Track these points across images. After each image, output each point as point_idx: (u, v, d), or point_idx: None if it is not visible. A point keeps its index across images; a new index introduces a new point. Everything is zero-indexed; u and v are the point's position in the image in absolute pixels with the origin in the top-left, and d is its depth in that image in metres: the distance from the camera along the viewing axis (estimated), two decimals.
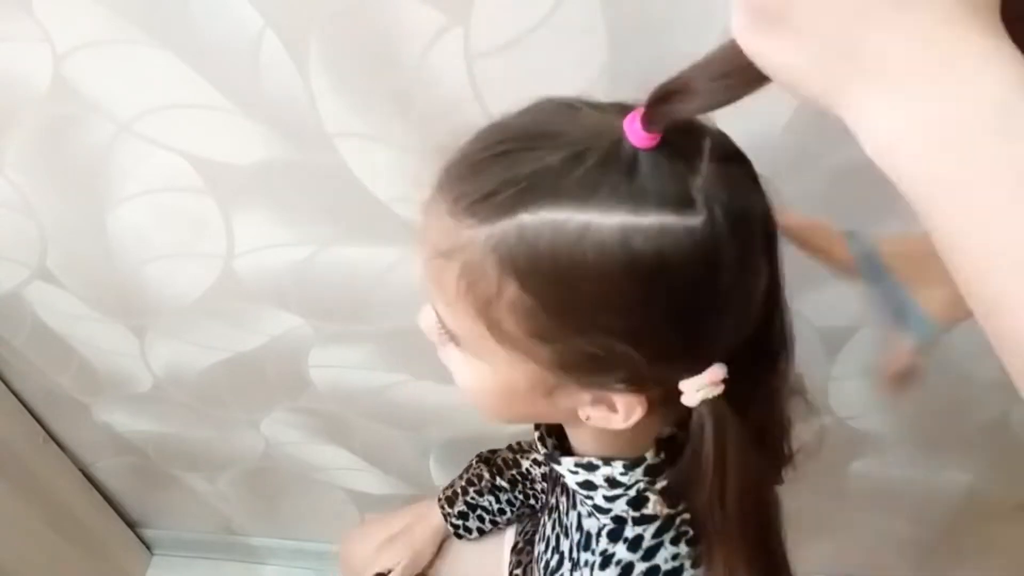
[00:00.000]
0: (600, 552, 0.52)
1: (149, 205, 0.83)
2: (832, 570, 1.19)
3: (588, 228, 0.36)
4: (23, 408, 1.19)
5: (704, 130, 0.38)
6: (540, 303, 0.38)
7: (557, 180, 0.37)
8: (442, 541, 0.88)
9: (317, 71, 0.68)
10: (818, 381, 0.91)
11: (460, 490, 0.85)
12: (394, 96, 0.69)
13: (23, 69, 0.72)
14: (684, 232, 0.36)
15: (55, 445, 1.26)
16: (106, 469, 1.33)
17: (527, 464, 0.84)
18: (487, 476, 0.84)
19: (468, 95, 0.67)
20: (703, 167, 0.37)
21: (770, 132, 0.67)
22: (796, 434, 0.51)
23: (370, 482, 1.23)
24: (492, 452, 0.87)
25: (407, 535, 0.87)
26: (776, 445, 0.49)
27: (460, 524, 0.85)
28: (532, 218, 0.37)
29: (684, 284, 0.38)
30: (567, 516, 0.59)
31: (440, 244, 0.40)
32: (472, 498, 0.84)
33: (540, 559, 0.62)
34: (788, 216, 0.45)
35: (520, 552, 0.82)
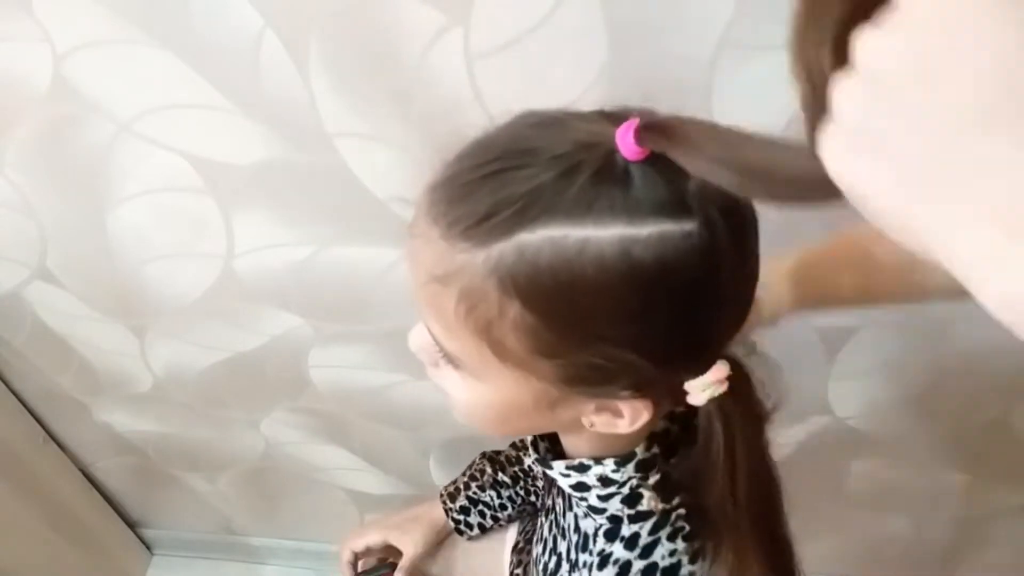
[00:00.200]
0: (598, 552, 0.52)
1: (149, 205, 0.83)
2: (832, 570, 1.19)
3: (587, 242, 0.36)
4: (23, 408, 1.19)
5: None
6: (543, 320, 0.38)
7: (553, 197, 0.37)
8: (443, 539, 0.88)
9: (317, 71, 0.68)
10: (818, 381, 0.91)
11: (462, 485, 0.85)
12: (394, 96, 0.69)
13: (23, 69, 0.72)
14: (682, 237, 0.36)
15: (55, 445, 1.26)
16: (106, 469, 1.33)
17: (529, 461, 0.84)
18: (489, 471, 0.84)
19: (468, 95, 0.67)
20: None
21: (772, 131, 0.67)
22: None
23: (370, 482, 1.23)
24: (496, 452, 0.88)
25: (405, 525, 0.87)
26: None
27: (461, 519, 0.85)
28: (531, 237, 0.37)
29: (685, 288, 0.38)
30: (563, 518, 0.59)
31: (435, 269, 0.40)
32: (474, 493, 0.84)
33: (538, 561, 0.62)
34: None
35: (521, 552, 0.82)
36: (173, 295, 0.94)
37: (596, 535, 0.53)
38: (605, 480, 0.51)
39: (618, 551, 0.51)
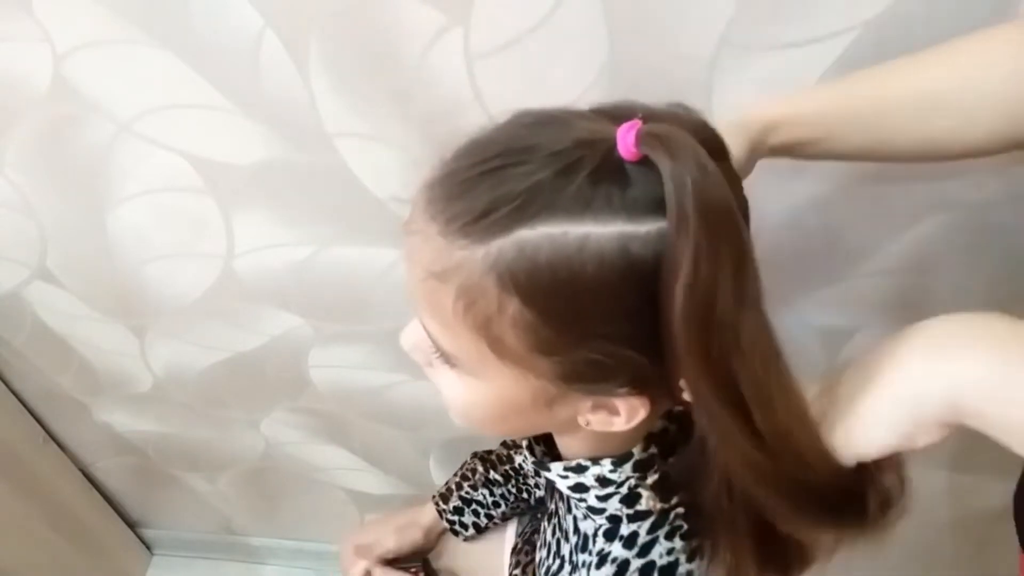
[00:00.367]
0: (597, 552, 0.52)
1: (149, 205, 0.83)
2: (832, 570, 1.19)
3: (587, 239, 0.37)
4: (23, 408, 1.19)
5: (691, 131, 0.38)
6: (542, 317, 0.39)
7: (552, 194, 0.37)
8: (436, 543, 0.88)
9: (317, 71, 0.68)
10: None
11: (454, 486, 0.85)
12: (394, 96, 0.69)
13: (23, 69, 0.72)
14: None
15: (55, 445, 1.26)
16: (106, 469, 1.33)
17: (520, 459, 0.84)
18: (480, 470, 0.84)
19: (468, 95, 0.67)
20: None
21: None
22: None
23: (370, 482, 1.23)
24: (488, 452, 0.88)
25: (402, 532, 0.87)
26: None
27: (456, 520, 0.85)
28: (531, 233, 0.37)
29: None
30: (564, 521, 0.59)
31: (432, 266, 0.40)
32: (466, 492, 0.84)
33: (542, 565, 0.62)
34: None
35: (520, 553, 0.81)
36: (173, 295, 0.94)
37: (596, 535, 0.53)
38: (603, 480, 0.51)
39: (616, 550, 0.51)
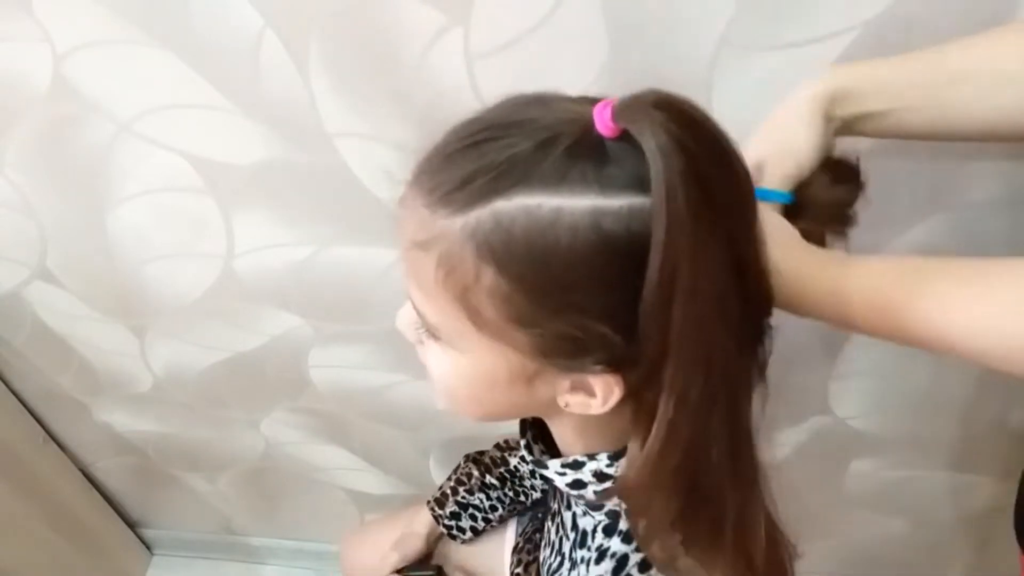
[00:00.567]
0: (596, 548, 0.52)
1: (149, 205, 0.83)
2: (832, 570, 1.19)
3: (560, 212, 0.37)
4: (23, 408, 1.19)
5: (667, 110, 0.38)
6: (517, 287, 0.39)
7: (529, 166, 0.38)
8: (435, 541, 0.88)
9: (317, 71, 0.68)
10: (818, 381, 0.91)
11: (449, 491, 0.85)
12: (394, 96, 0.69)
13: (23, 69, 0.72)
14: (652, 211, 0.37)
15: (55, 445, 1.26)
16: (106, 469, 1.33)
17: (515, 461, 0.84)
18: (476, 474, 0.84)
19: (468, 95, 0.67)
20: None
21: None
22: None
23: (370, 482, 1.23)
24: (480, 453, 0.87)
25: (401, 544, 0.87)
26: None
27: (453, 524, 0.84)
28: (507, 204, 0.38)
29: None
30: (564, 517, 0.60)
31: (416, 235, 0.41)
32: (463, 497, 0.84)
33: (544, 563, 0.62)
34: None
35: (521, 552, 0.81)
36: (173, 295, 0.94)
37: (595, 531, 0.53)
38: (600, 476, 0.51)
39: (615, 545, 0.51)
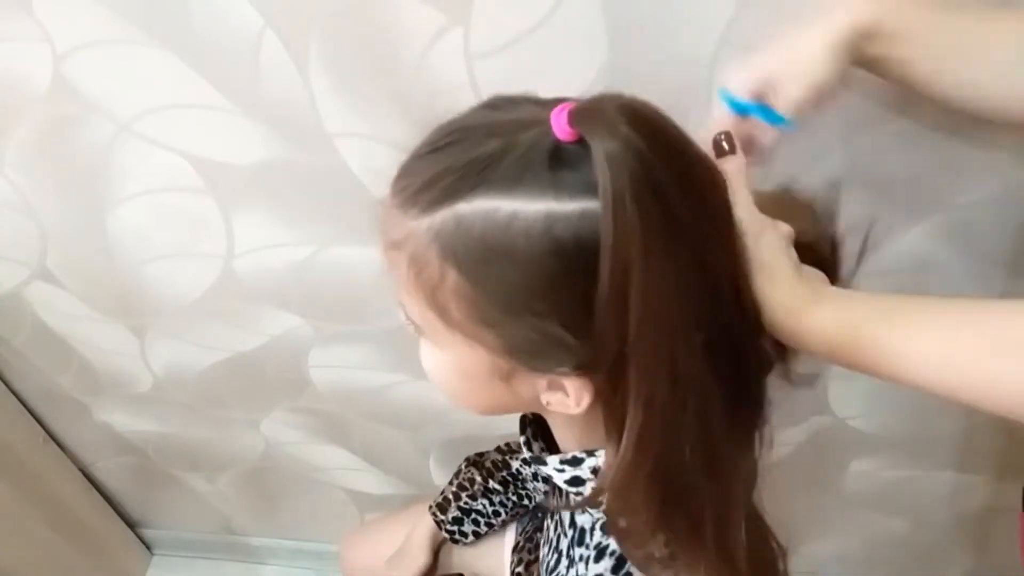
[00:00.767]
0: (595, 546, 0.52)
1: (149, 205, 0.83)
2: (832, 570, 1.19)
3: (516, 216, 0.38)
4: (23, 408, 1.19)
5: (623, 117, 0.37)
6: (477, 289, 0.40)
7: (486, 170, 0.39)
8: (438, 547, 0.88)
9: (317, 71, 0.68)
10: (818, 381, 0.91)
11: (452, 496, 0.84)
12: (394, 96, 0.69)
13: (23, 69, 0.72)
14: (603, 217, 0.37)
15: (55, 445, 1.26)
16: (106, 469, 1.33)
17: (516, 464, 0.84)
18: (479, 480, 0.83)
19: (468, 95, 0.67)
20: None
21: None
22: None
23: (370, 482, 1.23)
24: (480, 455, 0.87)
25: (403, 555, 0.86)
26: None
27: (455, 530, 0.84)
28: (467, 206, 0.39)
29: None
30: (563, 515, 0.60)
31: (392, 235, 0.43)
32: (465, 503, 0.83)
33: (543, 561, 0.62)
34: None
35: (521, 551, 0.81)
36: (173, 295, 0.94)
37: (592, 529, 0.53)
38: (599, 472, 0.51)
39: (614, 543, 0.51)
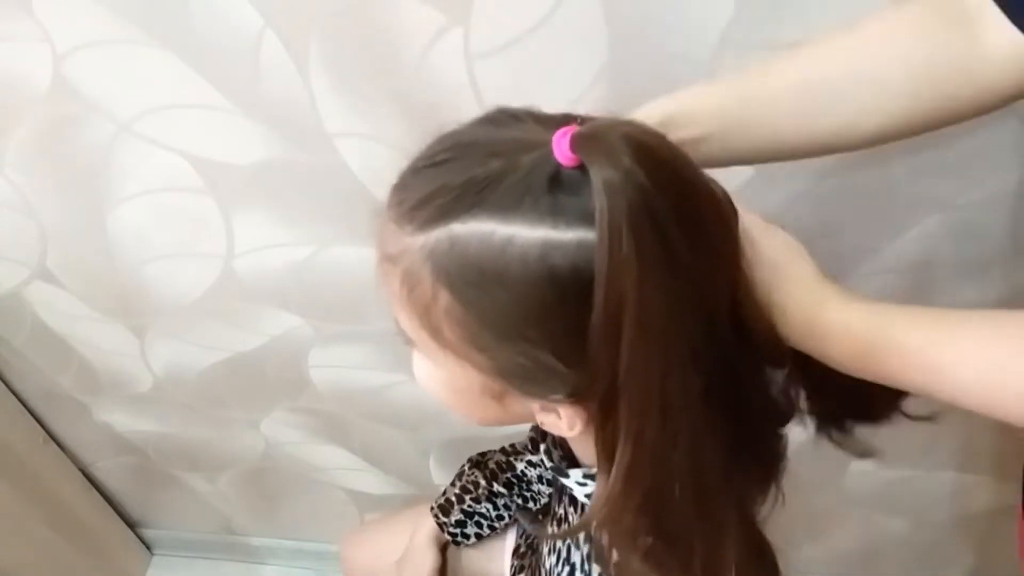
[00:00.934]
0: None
1: (149, 205, 0.83)
2: (832, 570, 1.19)
3: (512, 241, 0.37)
4: (23, 408, 1.19)
5: (627, 146, 0.36)
6: (469, 312, 0.39)
7: (484, 192, 0.38)
8: (443, 546, 0.87)
9: (317, 71, 0.68)
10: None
11: (455, 498, 0.83)
12: (394, 96, 0.69)
13: (23, 69, 0.72)
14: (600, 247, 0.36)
15: (55, 445, 1.26)
16: (106, 469, 1.33)
17: (521, 466, 0.83)
18: (483, 483, 0.83)
19: (468, 95, 0.67)
20: None
21: None
22: None
23: (370, 482, 1.22)
24: (482, 455, 0.86)
25: (409, 558, 0.86)
26: None
27: (458, 532, 0.83)
28: (462, 228, 0.38)
29: None
30: (570, 524, 0.59)
31: (386, 248, 0.42)
32: (469, 506, 0.82)
33: (551, 572, 0.61)
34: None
35: (523, 556, 0.81)
36: (173, 295, 0.94)
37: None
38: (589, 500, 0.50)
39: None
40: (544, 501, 0.83)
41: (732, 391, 0.42)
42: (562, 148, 0.37)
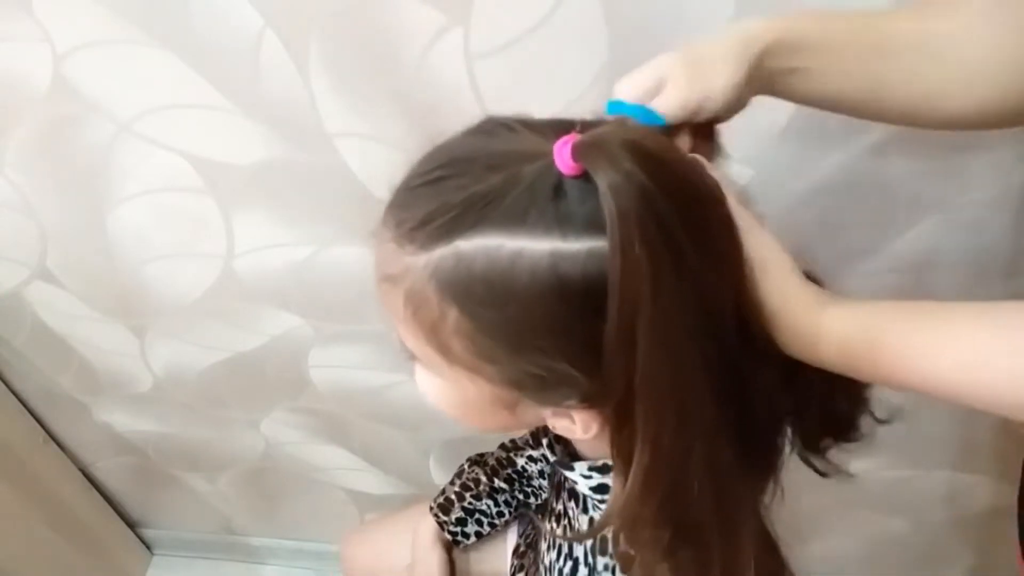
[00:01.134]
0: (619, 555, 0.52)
1: (149, 205, 0.83)
2: (832, 570, 1.19)
3: (520, 254, 0.37)
4: (23, 408, 1.19)
5: (627, 151, 0.36)
6: (479, 327, 0.39)
7: (488, 207, 0.37)
8: (447, 548, 0.87)
9: (317, 71, 0.68)
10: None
11: (455, 496, 0.83)
12: (394, 96, 0.69)
13: (23, 69, 0.72)
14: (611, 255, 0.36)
15: (55, 445, 1.26)
16: (106, 469, 1.33)
17: (522, 462, 0.83)
18: (484, 480, 0.82)
19: (468, 95, 0.67)
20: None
21: (768, 136, 0.67)
22: None
23: (370, 482, 1.23)
24: (481, 455, 0.86)
25: (417, 562, 0.85)
26: None
27: (458, 531, 0.83)
28: (467, 244, 0.38)
29: None
30: (578, 521, 0.59)
31: (386, 269, 0.42)
32: (469, 503, 0.82)
33: (552, 567, 0.61)
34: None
35: (523, 556, 0.81)
36: (173, 295, 0.94)
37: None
38: (606, 500, 0.50)
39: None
40: (545, 496, 0.83)
41: (738, 387, 0.42)
42: (564, 157, 0.37)
